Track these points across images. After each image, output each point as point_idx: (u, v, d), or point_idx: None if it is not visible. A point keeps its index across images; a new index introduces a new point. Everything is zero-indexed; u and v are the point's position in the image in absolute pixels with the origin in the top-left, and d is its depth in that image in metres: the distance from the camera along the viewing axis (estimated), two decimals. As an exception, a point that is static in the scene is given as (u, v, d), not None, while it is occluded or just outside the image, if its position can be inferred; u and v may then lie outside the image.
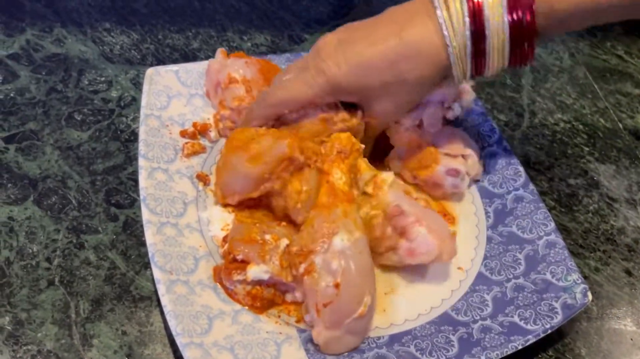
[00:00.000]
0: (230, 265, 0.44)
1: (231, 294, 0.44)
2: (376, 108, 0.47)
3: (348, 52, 0.45)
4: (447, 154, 0.52)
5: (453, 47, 0.43)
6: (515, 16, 0.42)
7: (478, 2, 0.42)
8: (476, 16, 0.42)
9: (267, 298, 0.44)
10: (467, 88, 0.52)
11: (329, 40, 0.46)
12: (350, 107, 0.48)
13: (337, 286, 0.41)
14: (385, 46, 0.44)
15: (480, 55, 0.44)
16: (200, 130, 0.53)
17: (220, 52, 0.54)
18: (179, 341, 0.40)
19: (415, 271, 0.48)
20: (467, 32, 0.43)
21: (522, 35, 0.43)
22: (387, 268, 0.48)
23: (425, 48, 0.44)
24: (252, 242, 0.44)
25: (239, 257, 0.43)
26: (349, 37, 0.46)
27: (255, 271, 0.43)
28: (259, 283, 0.44)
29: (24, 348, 0.42)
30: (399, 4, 0.46)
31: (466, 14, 0.42)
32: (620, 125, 0.66)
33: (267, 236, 0.44)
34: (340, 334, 0.42)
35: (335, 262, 0.41)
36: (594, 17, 0.43)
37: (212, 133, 0.53)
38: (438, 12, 0.43)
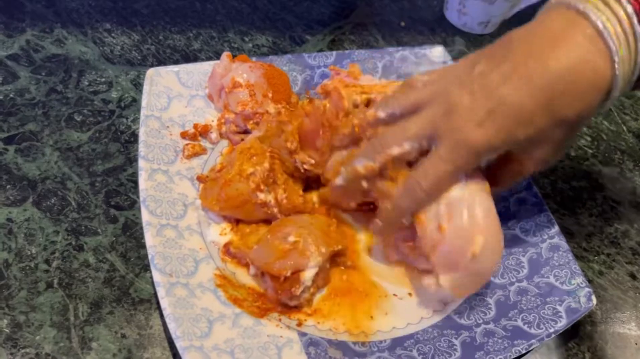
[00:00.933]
0: (284, 285, 0.43)
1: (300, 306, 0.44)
2: (534, 155, 0.39)
3: (487, 101, 0.36)
4: None
5: (620, 57, 0.34)
6: None
7: None
8: None
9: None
10: None
11: (451, 86, 0.37)
12: None
13: (441, 229, 0.40)
14: (534, 88, 0.35)
15: None
16: (201, 132, 0.53)
17: (225, 56, 0.54)
18: (179, 344, 0.39)
19: (418, 273, 0.48)
20: (638, 40, 0.33)
21: None
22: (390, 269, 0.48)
23: (582, 72, 0.34)
24: (286, 253, 0.43)
25: (288, 274, 0.43)
26: (479, 76, 0.36)
27: (307, 275, 0.43)
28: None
29: (22, 351, 0.42)
30: (518, 27, 0.37)
31: (634, 15, 0.33)
32: (624, 128, 0.65)
33: (291, 238, 0.44)
34: (460, 276, 0.41)
35: (443, 207, 0.39)
36: None
37: (213, 135, 0.53)
38: (598, 24, 0.33)
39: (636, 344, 0.48)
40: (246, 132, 0.53)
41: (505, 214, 0.51)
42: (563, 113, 0.36)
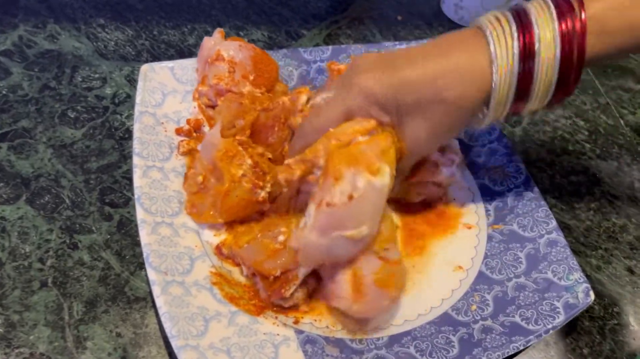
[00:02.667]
0: (274, 286, 0.43)
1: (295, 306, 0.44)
2: (407, 130, 0.43)
3: (386, 67, 0.42)
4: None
5: (499, 84, 0.40)
6: (567, 50, 0.39)
7: (530, 38, 0.39)
8: (526, 54, 0.39)
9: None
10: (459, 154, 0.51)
11: (367, 57, 0.44)
12: None
13: (350, 198, 0.39)
14: (426, 64, 0.41)
15: (523, 97, 0.41)
16: (194, 127, 0.52)
17: (217, 31, 0.54)
18: (174, 343, 0.39)
19: (416, 270, 0.48)
20: (515, 73, 0.40)
21: (570, 69, 0.40)
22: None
23: (470, 68, 0.41)
24: (276, 252, 0.43)
25: (277, 274, 0.42)
26: (389, 55, 0.43)
27: (298, 274, 0.43)
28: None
29: (16, 350, 0.41)
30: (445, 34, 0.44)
31: (517, 51, 0.39)
32: (622, 122, 0.65)
33: (281, 238, 0.44)
34: (321, 243, 0.40)
35: (361, 182, 0.40)
36: None
37: (206, 129, 0.52)
38: (491, 47, 0.40)
39: (634, 339, 0.48)
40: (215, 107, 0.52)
41: (503, 209, 0.51)
42: (443, 92, 0.41)
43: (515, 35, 0.40)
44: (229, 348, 0.40)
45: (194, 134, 0.52)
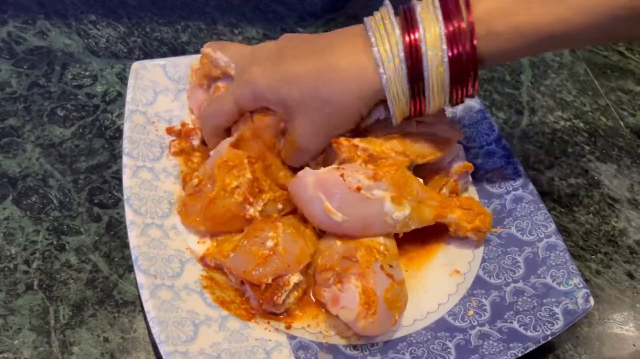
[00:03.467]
0: (265, 294, 0.41)
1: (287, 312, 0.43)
2: (295, 124, 0.44)
3: (275, 61, 0.44)
4: None
5: (390, 83, 0.41)
6: (455, 50, 0.40)
7: (415, 38, 0.40)
8: (412, 54, 0.40)
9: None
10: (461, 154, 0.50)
11: (265, 46, 0.46)
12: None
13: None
14: (312, 61, 0.43)
15: (418, 95, 0.42)
16: (185, 134, 0.51)
17: (214, 87, 0.51)
18: (163, 349, 0.38)
19: (411, 274, 0.47)
20: (404, 71, 0.41)
21: (463, 69, 0.40)
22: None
23: (350, 67, 0.42)
24: (265, 259, 0.42)
25: (268, 282, 0.41)
26: (281, 47, 0.45)
27: (291, 280, 0.42)
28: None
29: (0, 355, 0.40)
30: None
31: (402, 50, 0.40)
32: (622, 123, 0.64)
33: (269, 243, 0.42)
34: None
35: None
36: (546, 44, 0.40)
37: (195, 142, 0.51)
38: (374, 49, 0.41)
39: (634, 345, 0.47)
40: None
41: (502, 212, 0.50)
42: (324, 91, 0.42)
43: (399, 34, 0.40)
44: (220, 354, 0.39)
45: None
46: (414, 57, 0.40)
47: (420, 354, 0.42)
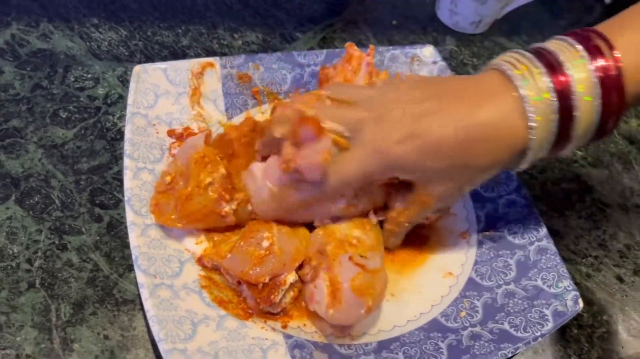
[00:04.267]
0: (263, 293, 0.42)
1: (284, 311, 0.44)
2: (436, 190, 0.41)
3: (410, 123, 0.38)
4: None
5: (536, 129, 0.37)
6: (607, 94, 0.36)
7: (565, 79, 0.36)
8: (563, 94, 0.36)
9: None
10: None
11: (384, 98, 0.40)
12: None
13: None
14: (458, 126, 0.38)
15: (564, 138, 0.38)
16: (187, 137, 0.52)
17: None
18: (162, 347, 0.39)
19: (405, 276, 0.48)
20: (554, 113, 0.37)
21: (612, 113, 0.37)
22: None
23: (504, 130, 0.38)
24: (262, 259, 0.42)
25: (266, 281, 0.42)
26: (412, 100, 0.39)
27: (288, 279, 0.43)
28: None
29: (2, 352, 0.41)
30: (465, 76, 0.41)
31: (552, 91, 0.36)
32: (615, 130, 0.65)
33: (265, 243, 0.43)
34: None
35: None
36: None
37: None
38: (521, 91, 0.37)
39: (622, 347, 0.48)
40: None
41: (494, 216, 0.51)
42: (477, 159, 0.39)
43: (547, 79, 0.37)
44: (217, 352, 0.40)
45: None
46: (564, 105, 0.36)
47: (413, 354, 0.43)
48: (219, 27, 0.68)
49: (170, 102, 0.53)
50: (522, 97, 0.37)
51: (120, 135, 0.55)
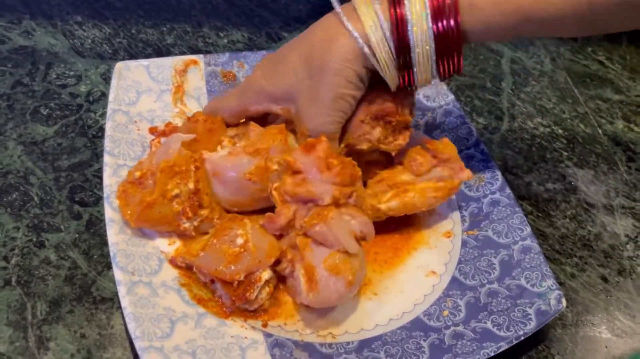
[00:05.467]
0: (238, 291, 0.42)
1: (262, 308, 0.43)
2: (300, 113, 0.45)
3: (272, 60, 0.47)
4: None
5: (375, 51, 0.42)
6: (440, 25, 0.41)
7: (400, 12, 0.41)
8: (398, 28, 0.42)
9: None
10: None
11: (265, 58, 0.49)
12: None
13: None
14: (300, 46, 0.45)
15: (406, 67, 0.43)
16: (169, 134, 0.51)
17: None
18: (138, 344, 0.38)
19: (387, 275, 0.47)
20: (390, 42, 0.42)
21: (449, 44, 0.42)
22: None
23: (335, 38, 0.43)
24: (236, 257, 0.42)
25: (241, 278, 0.42)
26: (278, 50, 0.47)
27: (263, 276, 0.42)
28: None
29: (-25, 350, 0.40)
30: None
31: (386, 22, 0.42)
32: (600, 131, 0.65)
33: (239, 241, 0.43)
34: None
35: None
36: (529, 25, 0.41)
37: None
38: (362, 18, 0.42)
39: (606, 347, 0.47)
40: None
41: (478, 215, 0.51)
42: (319, 62, 0.43)
43: (385, 8, 0.42)
44: (195, 350, 0.39)
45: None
46: (399, 30, 0.42)
47: (395, 353, 0.42)
48: (204, 25, 0.67)
49: (152, 99, 0.53)
50: (354, 35, 0.42)
51: (101, 132, 0.54)
